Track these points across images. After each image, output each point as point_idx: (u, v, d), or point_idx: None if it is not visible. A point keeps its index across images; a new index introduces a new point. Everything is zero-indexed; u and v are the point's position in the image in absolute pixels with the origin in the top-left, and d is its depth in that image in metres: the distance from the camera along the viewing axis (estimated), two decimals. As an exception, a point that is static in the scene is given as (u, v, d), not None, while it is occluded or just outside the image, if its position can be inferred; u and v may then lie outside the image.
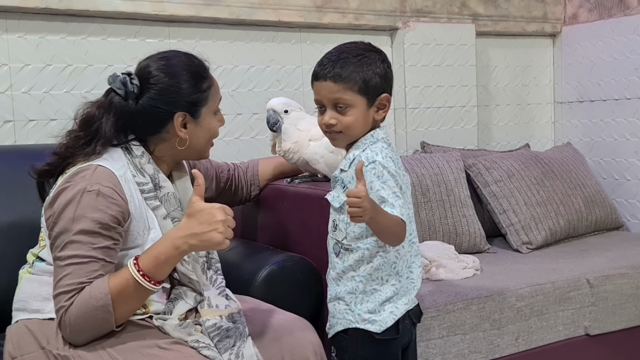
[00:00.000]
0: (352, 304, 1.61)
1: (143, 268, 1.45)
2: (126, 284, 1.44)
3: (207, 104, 1.65)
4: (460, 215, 2.74)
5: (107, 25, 2.45)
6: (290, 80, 2.85)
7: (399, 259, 1.61)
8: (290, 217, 2.08)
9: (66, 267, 1.44)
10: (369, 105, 1.60)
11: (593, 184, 3.10)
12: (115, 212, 1.49)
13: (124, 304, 1.45)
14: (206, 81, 1.66)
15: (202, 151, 1.71)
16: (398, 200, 1.51)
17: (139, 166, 1.60)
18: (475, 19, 3.24)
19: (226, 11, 2.62)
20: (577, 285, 2.35)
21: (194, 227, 1.45)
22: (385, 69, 1.61)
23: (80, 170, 1.52)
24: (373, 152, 1.56)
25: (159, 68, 1.62)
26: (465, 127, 3.25)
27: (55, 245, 1.48)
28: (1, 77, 2.29)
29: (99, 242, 1.47)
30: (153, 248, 1.48)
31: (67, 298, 1.43)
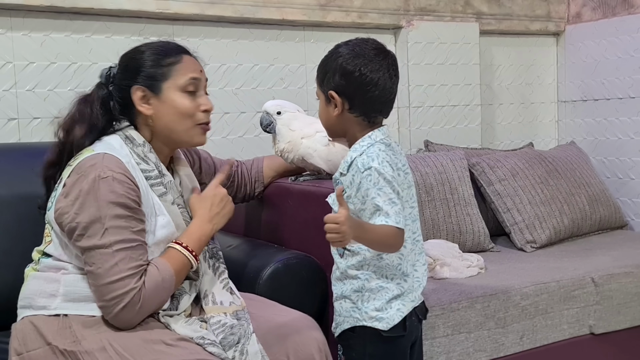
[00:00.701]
0: (358, 302, 1.60)
1: (193, 249, 1.63)
2: (182, 264, 1.61)
3: (169, 79, 1.64)
4: (464, 214, 2.73)
5: (111, 23, 2.46)
6: (293, 79, 2.85)
7: (403, 259, 1.61)
8: (294, 215, 2.08)
9: (117, 253, 1.49)
10: (327, 101, 1.61)
11: (597, 183, 3.10)
12: (134, 196, 1.54)
13: (178, 282, 1.62)
14: (170, 58, 1.66)
15: (179, 132, 1.67)
16: (394, 207, 1.50)
17: (142, 154, 1.63)
18: (479, 17, 3.24)
19: (230, 9, 2.62)
20: (581, 284, 2.34)
21: (215, 209, 1.70)
22: (340, 65, 1.56)
23: (87, 160, 1.54)
24: (369, 157, 1.54)
25: (128, 51, 1.71)
26: (468, 125, 3.24)
27: (88, 235, 1.49)
28: (6, 74, 2.30)
29: (135, 225, 1.53)
30: (191, 232, 1.65)
31: (136, 280, 1.50)
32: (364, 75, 1.55)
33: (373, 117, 1.61)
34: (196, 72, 1.67)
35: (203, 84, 1.70)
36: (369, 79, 1.55)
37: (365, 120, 1.60)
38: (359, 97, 1.57)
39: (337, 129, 1.64)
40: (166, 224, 1.62)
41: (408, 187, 1.62)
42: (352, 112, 1.59)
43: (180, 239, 1.63)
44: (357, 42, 1.60)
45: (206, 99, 1.70)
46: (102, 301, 1.49)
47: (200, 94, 1.68)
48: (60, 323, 1.52)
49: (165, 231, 1.61)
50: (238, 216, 2.29)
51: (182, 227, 1.66)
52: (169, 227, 1.62)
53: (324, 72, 1.61)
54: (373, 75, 1.55)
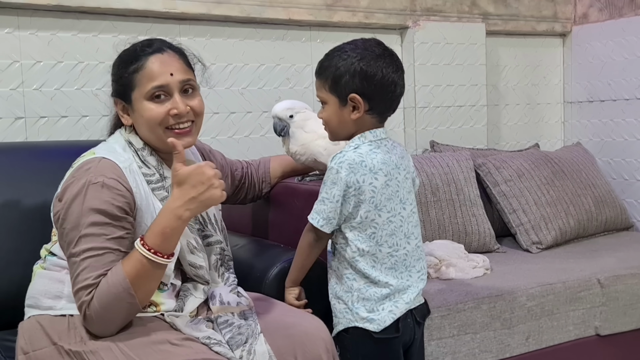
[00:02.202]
0: (349, 303, 1.64)
1: (152, 245, 1.46)
2: (140, 264, 1.45)
3: (135, 88, 1.59)
4: (470, 215, 2.73)
5: (118, 22, 2.45)
6: (300, 79, 2.85)
7: (377, 263, 1.63)
8: (301, 215, 2.06)
9: (82, 262, 1.45)
10: (342, 104, 1.61)
11: (603, 184, 3.09)
12: (121, 203, 1.50)
13: (142, 284, 1.46)
14: (133, 65, 1.59)
15: (153, 140, 1.62)
16: (319, 206, 1.63)
17: (143, 158, 1.62)
18: (485, 18, 3.24)
19: (237, 9, 2.62)
20: (587, 285, 2.34)
21: (190, 192, 1.47)
22: (360, 68, 1.57)
23: (84, 164, 1.54)
24: (336, 157, 1.61)
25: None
26: (474, 126, 3.24)
27: (67, 241, 1.49)
28: (13, 73, 2.30)
29: (112, 232, 1.48)
30: (155, 224, 1.48)
31: (87, 293, 1.44)
32: (385, 76, 1.59)
33: (385, 116, 1.64)
34: (161, 77, 1.57)
35: (175, 86, 1.59)
36: (391, 80, 1.60)
37: (378, 120, 1.63)
38: (379, 98, 1.61)
39: (348, 132, 1.66)
40: None
41: (388, 198, 1.62)
42: (370, 113, 1.61)
43: (144, 234, 1.49)
44: (365, 43, 1.62)
45: (177, 101, 1.59)
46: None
47: (172, 97, 1.59)
48: (66, 323, 1.52)
49: None
50: (245, 216, 2.30)
51: (185, 232, 1.61)
52: None
53: (337, 76, 1.60)
54: (393, 76, 1.60)
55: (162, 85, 1.58)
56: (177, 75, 1.60)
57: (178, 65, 1.62)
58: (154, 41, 1.65)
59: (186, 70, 1.64)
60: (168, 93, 1.59)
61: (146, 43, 1.64)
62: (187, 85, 1.63)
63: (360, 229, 1.61)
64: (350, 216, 1.61)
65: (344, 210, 1.60)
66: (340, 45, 1.65)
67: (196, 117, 1.65)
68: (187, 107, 1.60)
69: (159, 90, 1.58)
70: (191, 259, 1.64)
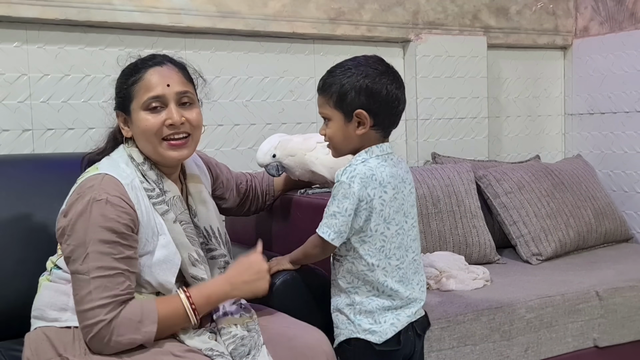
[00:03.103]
0: (351, 315, 1.66)
1: (195, 302, 1.55)
2: (175, 313, 1.54)
3: (133, 99, 1.62)
4: (471, 226, 2.76)
5: (125, 36, 2.49)
6: (303, 91, 2.89)
7: (388, 276, 1.65)
8: (303, 227, 2.10)
9: (93, 280, 1.46)
10: (347, 120, 1.64)
11: (603, 196, 3.12)
12: (127, 220, 1.52)
13: (164, 329, 1.53)
14: (132, 77, 1.63)
15: (149, 151, 1.64)
16: (329, 220, 1.62)
17: (143, 172, 1.63)
18: (486, 31, 3.27)
19: (241, 23, 2.66)
20: (586, 297, 2.36)
21: (244, 276, 1.62)
22: (366, 85, 1.60)
23: (88, 180, 1.55)
24: (346, 171, 1.63)
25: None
26: (476, 138, 3.27)
27: (73, 258, 1.50)
28: (21, 86, 2.34)
29: (120, 252, 1.50)
30: (205, 287, 1.60)
31: (105, 312, 1.46)
32: (390, 93, 1.62)
33: (388, 131, 1.67)
34: (159, 87, 1.60)
35: (171, 97, 1.61)
36: (394, 96, 1.63)
37: (382, 135, 1.66)
38: (384, 114, 1.64)
39: (353, 147, 1.68)
40: (166, 243, 1.60)
41: (396, 211, 1.65)
42: (374, 128, 1.64)
43: (191, 289, 1.59)
44: (369, 60, 1.65)
45: (173, 111, 1.61)
46: (80, 328, 1.50)
47: (168, 108, 1.61)
48: (71, 335, 1.54)
49: (165, 251, 1.60)
50: (248, 227, 2.33)
51: (186, 244, 1.64)
52: (168, 247, 1.61)
53: (342, 93, 1.62)
54: (396, 92, 1.63)
55: (158, 95, 1.60)
56: (174, 86, 1.62)
57: (176, 77, 1.64)
58: (155, 55, 1.68)
59: (184, 82, 1.66)
60: (164, 104, 1.61)
61: (148, 57, 1.68)
62: (185, 97, 1.64)
63: (370, 242, 1.63)
64: (360, 229, 1.63)
65: (355, 224, 1.62)
66: (342, 62, 1.67)
67: (193, 129, 1.65)
68: (183, 118, 1.62)
69: (154, 100, 1.60)
70: (193, 271, 1.66)
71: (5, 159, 2.17)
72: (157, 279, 1.58)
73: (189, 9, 2.54)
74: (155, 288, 1.60)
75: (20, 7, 2.25)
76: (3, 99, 2.31)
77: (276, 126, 2.81)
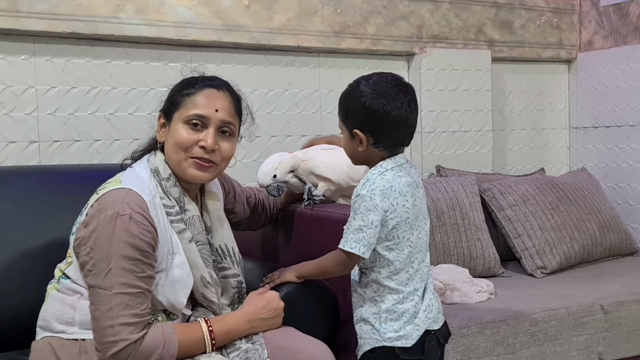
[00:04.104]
0: (376, 324, 1.66)
1: (216, 337, 1.59)
2: (196, 343, 1.57)
3: (179, 109, 1.64)
4: (475, 239, 2.76)
5: (131, 49, 2.52)
6: (308, 104, 2.90)
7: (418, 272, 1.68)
8: (308, 240, 2.12)
9: (115, 296, 1.46)
10: (351, 137, 1.67)
11: (608, 209, 3.12)
12: (149, 238, 1.52)
13: (184, 355, 1.55)
14: (189, 89, 1.65)
15: (174, 163, 1.65)
16: (356, 234, 1.61)
17: (166, 189, 1.63)
18: (491, 44, 3.29)
19: (247, 36, 2.68)
20: (590, 310, 2.36)
21: (262, 313, 1.68)
22: (363, 104, 1.61)
23: (112, 194, 1.55)
24: (363, 185, 1.63)
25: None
26: (480, 151, 3.28)
27: (94, 272, 1.49)
28: (28, 99, 2.36)
29: (142, 270, 1.50)
30: (226, 322, 1.64)
31: (129, 331, 1.46)
32: (387, 113, 1.61)
33: (395, 149, 1.68)
34: (206, 109, 1.62)
35: (214, 122, 1.63)
36: (393, 117, 1.61)
37: (387, 152, 1.67)
38: (383, 133, 1.64)
39: (360, 161, 1.72)
40: (181, 263, 1.61)
41: (404, 213, 1.65)
42: (376, 147, 1.66)
43: (212, 320, 1.62)
44: (377, 79, 1.65)
45: (210, 135, 1.62)
46: (97, 343, 1.49)
47: (207, 130, 1.63)
48: (77, 348, 1.55)
49: (180, 271, 1.61)
50: (255, 240, 2.34)
51: (199, 265, 1.65)
52: (183, 267, 1.61)
53: (346, 109, 1.66)
54: (396, 113, 1.61)
55: (202, 115, 1.62)
56: (222, 113, 1.64)
57: (227, 105, 1.67)
58: (217, 78, 1.71)
59: (233, 114, 1.68)
60: (205, 125, 1.63)
61: (210, 77, 1.71)
62: (226, 127, 1.66)
63: (398, 249, 1.65)
64: (386, 238, 1.64)
65: (381, 234, 1.63)
66: (358, 78, 1.68)
67: (221, 160, 1.67)
68: (216, 146, 1.63)
69: (198, 118, 1.62)
70: (204, 292, 1.67)
71: (12, 170, 2.20)
72: (168, 299, 1.59)
73: (195, 23, 2.56)
74: (165, 307, 1.60)
75: (28, 21, 2.28)
76: (10, 111, 2.33)
77: (281, 138, 2.82)
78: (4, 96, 2.32)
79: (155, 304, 1.58)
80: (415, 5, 3.06)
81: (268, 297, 1.71)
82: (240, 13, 2.66)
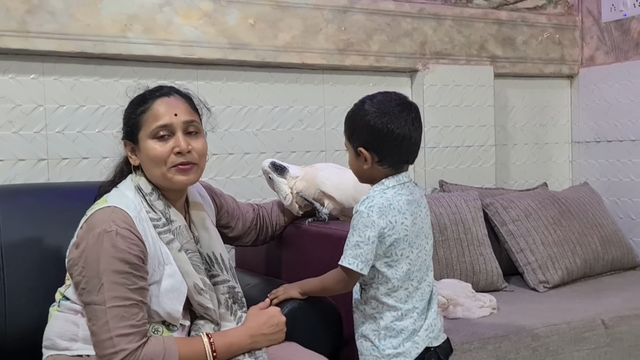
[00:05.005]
0: (376, 340, 1.69)
1: (217, 350, 1.62)
2: (197, 356, 1.60)
3: (141, 128, 1.68)
4: (478, 254, 2.78)
5: (138, 68, 2.56)
6: (312, 120, 2.94)
7: (419, 290, 1.70)
8: (310, 256, 2.15)
9: (110, 310, 1.50)
10: (356, 155, 1.71)
11: (610, 224, 3.14)
12: (137, 252, 1.56)
13: None
14: (141, 107, 1.69)
15: (157, 178, 1.69)
16: (354, 251, 1.65)
17: (151, 203, 1.68)
18: (493, 60, 3.32)
19: (252, 54, 2.72)
20: (592, 325, 2.38)
21: (263, 329, 1.72)
22: (368, 123, 1.65)
23: (98, 213, 1.60)
24: (364, 202, 1.67)
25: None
26: (483, 165, 3.31)
27: (88, 289, 1.54)
28: (37, 117, 2.40)
29: (133, 282, 1.54)
30: (227, 336, 1.68)
31: (127, 341, 1.50)
32: (391, 131, 1.65)
33: (400, 167, 1.71)
34: (166, 116, 1.66)
35: (178, 126, 1.67)
36: (396, 135, 1.65)
37: (392, 170, 1.70)
38: (387, 151, 1.68)
39: (366, 178, 1.75)
40: (172, 273, 1.65)
41: (416, 234, 1.69)
42: (381, 165, 1.69)
43: (214, 334, 1.65)
44: (381, 98, 1.69)
45: (180, 139, 1.67)
46: (99, 357, 1.53)
47: (175, 136, 1.67)
48: None
49: (172, 280, 1.65)
50: (258, 256, 2.37)
51: (191, 272, 1.69)
52: (175, 276, 1.66)
53: (352, 128, 1.70)
54: (400, 131, 1.65)
55: (165, 124, 1.66)
56: (181, 116, 1.68)
57: (183, 107, 1.71)
58: (163, 86, 1.75)
59: (191, 112, 1.72)
60: (171, 132, 1.67)
61: (155, 88, 1.74)
62: (191, 127, 1.71)
63: (397, 267, 1.68)
64: (384, 255, 1.67)
65: (379, 250, 1.66)
66: (363, 98, 1.73)
67: (199, 158, 1.71)
68: (189, 146, 1.68)
69: (162, 129, 1.66)
70: (199, 299, 1.71)
71: (21, 188, 2.23)
72: (165, 308, 1.62)
73: (201, 41, 2.61)
74: (163, 317, 1.64)
75: (37, 41, 2.33)
76: (20, 130, 2.38)
77: (285, 154, 2.86)
78: (14, 115, 2.36)
79: (153, 316, 1.62)
80: (418, 22, 3.10)
81: (269, 312, 1.75)
82: (246, 32, 2.70)
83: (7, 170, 2.36)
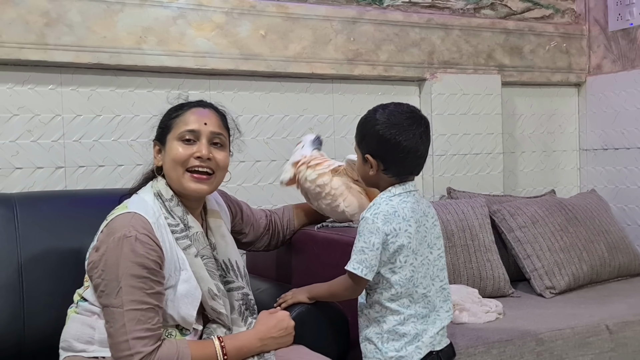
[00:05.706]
0: (379, 343, 1.74)
1: (228, 353, 1.67)
2: (208, 358, 1.65)
3: (171, 130, 1.75)
4: (485, 260, 2.82)
5: (153, 78, 2.63)
6: (322, 129, 2.98)
7: (427, 298, 1.75)
8: (319, 261, 2.19)
9: (127, 313, 1.56)
10: (363, 161, 1.77)
11: (617, 230, 3.16)
12: (155, 257, 1.61)
13: None
14: (177, 112, 1.78)
15: (173, 180, 1.75)
16: (359, 256, 1.70)
17: (170, 209, 1.73)
18: (501, 69, 3.36)
19: (263, 65, 2.78)
20: (596, 330, 2.40)
21: (273, 332, 1.76)
22: (377, 132, 1.71)
23: (118, 218, 1.65)
24: (370, 209, 1.73)
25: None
26: (491, 173, 3.34)
27: (106, 292, 1.59)
28: (55, 126, 2.47)
29: (150, 287, 1.59)
30: (238, 339, 1.72)
31: (142, 344, 1.55)
32: (398, 143, 1.70)
33: (404, 177, 1.77)
34: (196, 123, 1.73)
35: (206, 135, 1.74)
36: (403, 147, 1.71)
37: (396, 179, 1.76)
38: (393, 161, 1.74)
39: (371, 183, 1.82)
40: (187, 278, 1.70)
41: (420, 242, 1.75)
42: (386, 173, 1.75)
43: (224, 337, 1.70)
44: (393, 109, 1.75)
45: (203, 146, 1.73)
46: (114, 358, 1.59)
47: (200, 142, 1.74)
48: None
49: (187, 285, 1.69)
50: (269, 261, 2.42)
51: (206, 278, 1.74)
52: (190, 281, 1.70)
53: (362, 135, 1.77)
54: (407, 143, 1.71)
55: (193, 129, 1.74)
56: (210, 126, 1.76)
57: (215, 119, 1.78)
58: (202, 100, 1.84)
59: (220, 126, 1.79)
60: (197, 138, 1.74)
61: (196, 101, 1.83)
62: (217, 138, 1.77)
63: (401, 273, 1.72)
64: (389, 261, 1.72)
65: (383, 256, 1.71)
66: (377, 106, 1.78)
67: (218, 169, 1.77)
68: (210, 154, 1.74)
69: (189, 133, 1.73)
70: (212, 304, 1.75)
71: (39, 195, 2.28)
72: (179, 312, 1.68)
73: (214, 53, 2.68)
74: (177, 321, 1.69)
75: (55, 53, 2.41)
76: (38, 138, 2.45)
77: (296, 162, 2.91)
78: (33, 124, 2.44)
79: (167, 319, 1.67)
80: (426, 32, 3.15)
81: (279, 316, 1.79)
82: (257, 43, 2.76)
83: (26, 177, 2.43)
